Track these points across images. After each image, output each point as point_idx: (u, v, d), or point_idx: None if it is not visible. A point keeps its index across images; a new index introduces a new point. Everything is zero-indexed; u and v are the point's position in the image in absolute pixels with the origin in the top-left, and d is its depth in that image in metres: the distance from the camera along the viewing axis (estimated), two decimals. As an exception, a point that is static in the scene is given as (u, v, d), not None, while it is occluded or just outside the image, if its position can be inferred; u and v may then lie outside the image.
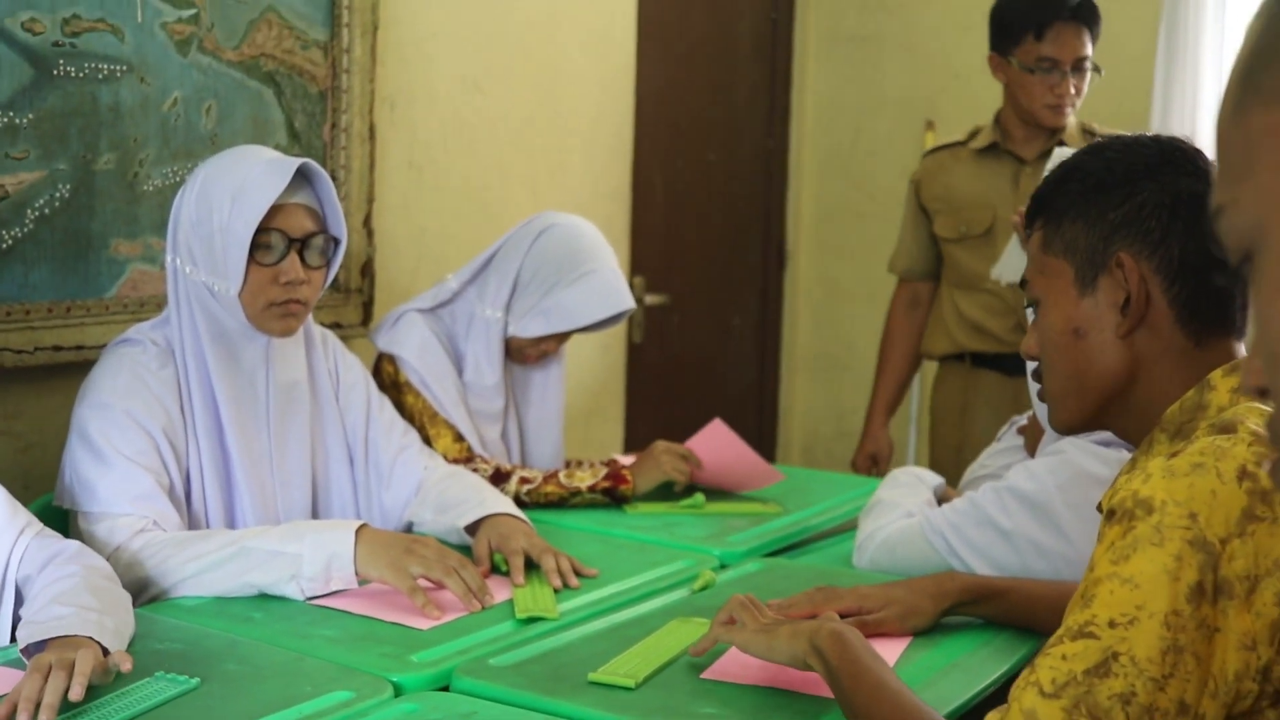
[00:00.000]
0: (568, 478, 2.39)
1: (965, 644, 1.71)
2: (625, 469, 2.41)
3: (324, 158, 2.66)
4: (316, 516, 2.08)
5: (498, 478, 2.34)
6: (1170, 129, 3.52)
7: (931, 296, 3.17)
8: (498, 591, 1.85)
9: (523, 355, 2.48)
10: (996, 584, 1.76)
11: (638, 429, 3.69)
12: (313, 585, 1.79)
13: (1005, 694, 1.15)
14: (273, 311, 1.95)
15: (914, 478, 2.24)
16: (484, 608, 1.79)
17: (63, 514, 1.92)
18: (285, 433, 2.03)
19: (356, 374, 2.17)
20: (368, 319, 2.77)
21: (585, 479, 2.39)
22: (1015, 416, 2.25)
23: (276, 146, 2.50)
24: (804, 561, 2.18)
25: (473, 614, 1.77)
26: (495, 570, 1.97)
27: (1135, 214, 1.29)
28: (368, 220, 2.76)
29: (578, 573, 1.95)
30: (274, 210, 1.90)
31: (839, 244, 4.37)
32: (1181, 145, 1.32)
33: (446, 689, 1.55)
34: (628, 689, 1.52)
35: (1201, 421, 1.24)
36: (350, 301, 2.75)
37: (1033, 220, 1.38)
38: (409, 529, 2.15)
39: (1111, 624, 1.10)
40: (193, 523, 1.93)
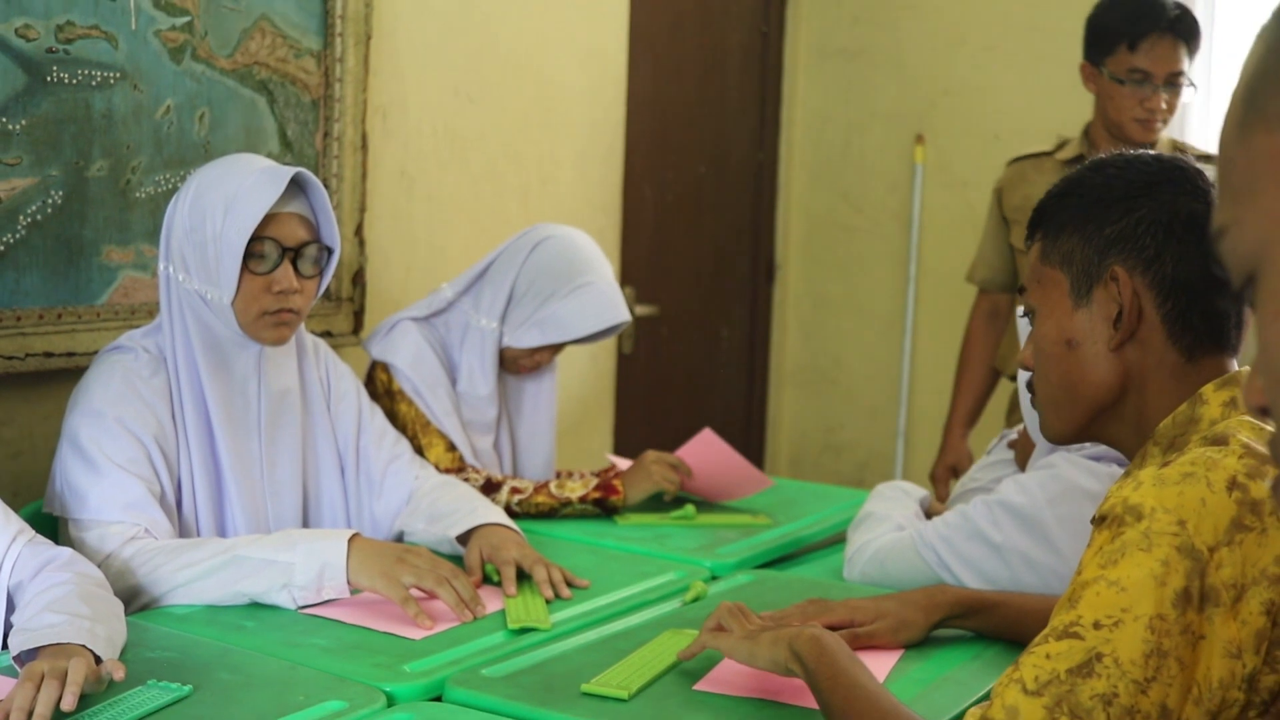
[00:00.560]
0: (559, 488, 2.39)
1: (956, 657, 1.71)
2: (616, 479, 2.41)
3: (316, 166, 2.66)
4: (307, 525, 2.07)
5: (489, 488, 2.34)
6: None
7: (1011, 308, 3.00)
8: (489, 602, 1.85)
9: (516, 366, 2.48)
10: (987, 597, 1.76)
11: (627, 439, 3.69)
12: (305, 594, 1.79)
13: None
14: (265, 320, 1.94)
15: (900, 491, 2.25)
16: (476, 618, 1.79)
17: (52, 521, 1.91)
18: (276, 441, 2.02)
19: (348, 383, 2.17)
20: (359, 328, 2.77)
21: (576, 489, 2.39)
22: (1006, 430, 2.26)
23: (269, 155, 2.50)
24: (794, 573, 2.18)
25: (465, 624, 1.77)
26: (487, 580, 1.97)
27: (1131, 230, 1.31)
28: (359, 229, 2.76)
29: (569, 583, 1.96)
30: (268, 219, 1.90)
31: (828, 257, 4.37)
32: (1182, 164, 1.33)
33: (439, 699, 1.55)
34: (621, 700, 1.52)
35: (1193, 435, 1.25)
36: (341, 310, 2.75)
37: (1033, 231, 1.39)
38: (400, 538, 2.15)
39: (1096, 625, 1.11)
40: (183, 530, 1.93)
